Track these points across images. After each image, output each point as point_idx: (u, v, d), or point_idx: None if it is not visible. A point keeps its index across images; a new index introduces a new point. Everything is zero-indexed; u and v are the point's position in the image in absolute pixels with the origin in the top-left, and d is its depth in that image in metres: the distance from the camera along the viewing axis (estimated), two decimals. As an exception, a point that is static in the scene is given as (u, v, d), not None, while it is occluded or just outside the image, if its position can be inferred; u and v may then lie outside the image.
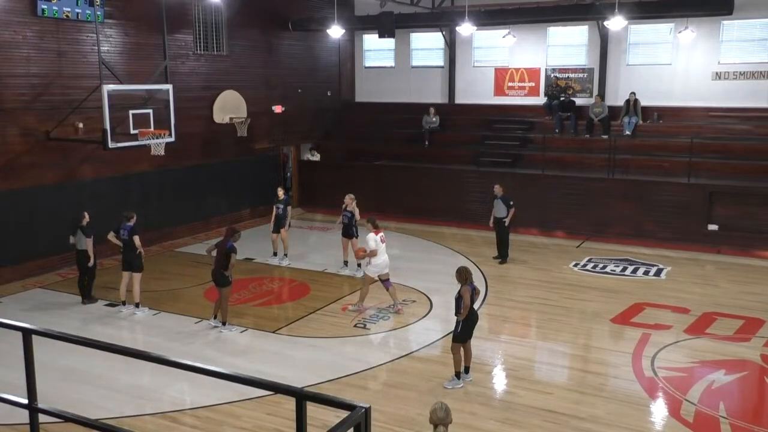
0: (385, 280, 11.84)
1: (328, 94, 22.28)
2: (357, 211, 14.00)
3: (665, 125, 18.64)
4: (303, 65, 20.94)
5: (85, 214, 12.08)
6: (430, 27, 21.18)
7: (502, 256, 15.11)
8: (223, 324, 10.97)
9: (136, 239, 11.62)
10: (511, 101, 20.93)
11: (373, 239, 11.57)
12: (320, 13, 20.39)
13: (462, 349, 8.99)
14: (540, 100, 20.39)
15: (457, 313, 8.94)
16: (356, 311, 11.79)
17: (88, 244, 11.94)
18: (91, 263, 12.09)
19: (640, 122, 18.68)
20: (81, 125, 14.28)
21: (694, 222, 16.18)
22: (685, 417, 8.23)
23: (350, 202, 14.03)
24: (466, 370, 9.12)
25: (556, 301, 12.51)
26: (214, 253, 11.07)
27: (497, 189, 14.90)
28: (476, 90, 21.39)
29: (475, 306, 9.17)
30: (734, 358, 9.99)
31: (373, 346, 10.58)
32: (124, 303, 11.92)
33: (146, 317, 11.68)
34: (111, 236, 11.86)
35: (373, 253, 11.55)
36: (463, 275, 8.91)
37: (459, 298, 8.88)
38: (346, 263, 14.47)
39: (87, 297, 12.33)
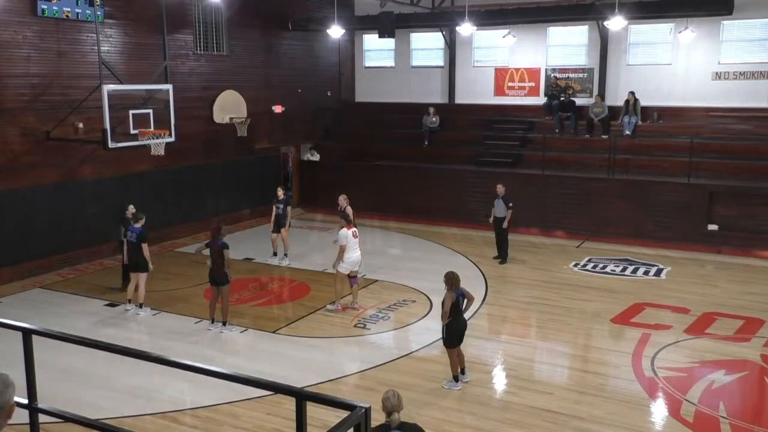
0: (352, 277, 11.92)
1: (328, 94, 22.27)
2: (351, 211, 13.96)
3: (665, 125, 18.64)
4: (303, 65, 20.93)
5: (130, 206, 12.34)
6: (430, 27, 21.16)
7: (502, 256, 15.11)
8: (224, 323, 10.97)
9: (145, 249, 11.55)
10: (511, 101, 20.92)
11: (344, 235, 11.65)
12: (320, 13, 20.37)
13: (456, 352, 8.98)
14: (540, 100, 20.38)
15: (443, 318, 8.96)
16: (335, 311, 11.83)
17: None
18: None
19: (640, 122, 18.68)
20: (81, 125, 14.28)
21: (694, 222, 16.17)
22: (685, 417, 8.22)
23: (344, 202, 13.96)
24: (462, 371, 9.12)
25: (556, 301, 12.50)
26: (205, 251, 11.10)
27: (500, 189, 14.89)
28: (476, 90, 21.38)
29: (475, 306, 9.17)
30: (734, 358, 9.99)
31: (373, 346, 10.57)
32: (129, 301, 11.93)
33: (147, 317, 11.69)
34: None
35: (343, 249, 11.62)
36: (449, 280, 8.90)
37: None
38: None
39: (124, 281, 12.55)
